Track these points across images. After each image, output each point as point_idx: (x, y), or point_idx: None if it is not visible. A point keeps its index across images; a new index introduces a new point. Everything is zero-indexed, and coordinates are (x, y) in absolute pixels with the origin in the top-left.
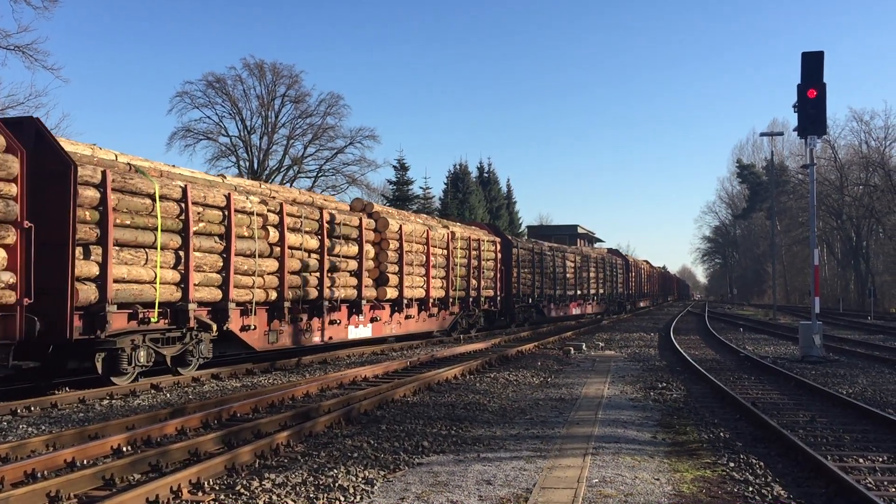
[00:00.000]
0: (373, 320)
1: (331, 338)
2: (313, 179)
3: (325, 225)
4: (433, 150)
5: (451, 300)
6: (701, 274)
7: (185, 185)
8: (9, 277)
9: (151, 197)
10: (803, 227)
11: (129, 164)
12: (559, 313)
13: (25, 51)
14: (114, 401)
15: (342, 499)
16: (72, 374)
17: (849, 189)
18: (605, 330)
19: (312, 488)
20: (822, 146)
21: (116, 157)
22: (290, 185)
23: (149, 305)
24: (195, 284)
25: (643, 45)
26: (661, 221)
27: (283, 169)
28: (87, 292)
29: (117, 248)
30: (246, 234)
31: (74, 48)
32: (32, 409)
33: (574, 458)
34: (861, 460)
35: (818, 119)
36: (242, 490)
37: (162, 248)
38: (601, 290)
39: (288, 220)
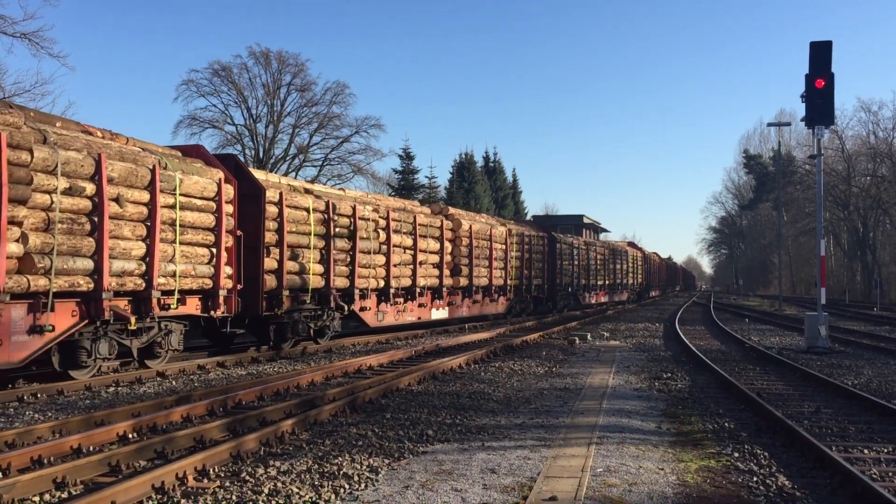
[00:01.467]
0: (449, 304)
1: (420, 318)
2: (319, 168)
3: (418, 227)
4: (439, 140)
5: (508, 288)
6: (706, 264)
7: (328, 200)
8: (230, 270)
9: (306, 210)
10: (810, 218)
11: (289, 184)
12: (591, 300)
13: (31, 38)
14: (120, 388)
15: (347, 486)
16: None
17: (856, 180)
18: (610, 320)
19: (317, 476)
20: (830, 136)
21: (280, 180)
22: (296, 175)
23: (304, 291)
24: (334, 275)
25: (650, 36)
26: (667, 211)
27: (288, 158)
28: (271, 281)
29: (287, 248)
30: (364, 235)
31: (80, 36)
32: (39, 395)
33: (578, 448)
34: (866, 451)
35: (826, 109)
36: (248, 477)
37: (312, 248)
38: (625, 281)
39: (392, 224)
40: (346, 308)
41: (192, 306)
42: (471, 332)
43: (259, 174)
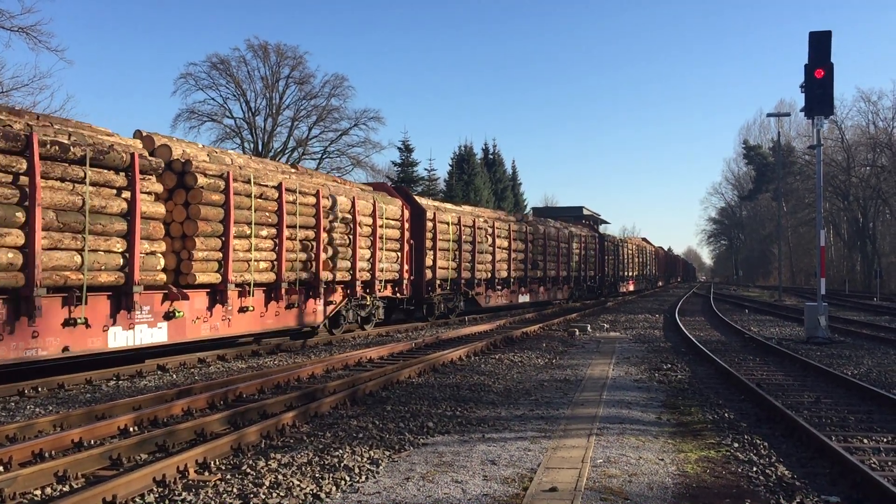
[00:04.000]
0: (530, 291)
1: (511, 301)
2: (318, 161)
3: (511, 232)
4: (438, 132)
5: (570, 278)
6: (706, 255)
7: (459, 216)
8: (407, 267)
9: (447, 223)
10: (810, 209)
11: (434, 204)
12: (622, 289)
13: (29, 32)
14: (120, 381)
15: (348, 478)
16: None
17: (856, 170)
18: (610, 311)
19: (318, 468)
20: (830, 127)
21: (428, 201)
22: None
23: (445, 280)
24: (462, 269)
25: (649, 27)
26: (667, 202)
27: (287, 151)
28: (428, 274)
29: (438, 251)
30: (480, 240)
31: (77, 30)
32: (39, 389)
33: (578, 439)
34: (866, 441)
35: (825, 99)
36: (248, 470)
37: (450, 250)
38: (644, 272)
39: (496, 231)
40: (469, 293)
41: (389, 291)
42: (471, 325)
43: (418, 199)
